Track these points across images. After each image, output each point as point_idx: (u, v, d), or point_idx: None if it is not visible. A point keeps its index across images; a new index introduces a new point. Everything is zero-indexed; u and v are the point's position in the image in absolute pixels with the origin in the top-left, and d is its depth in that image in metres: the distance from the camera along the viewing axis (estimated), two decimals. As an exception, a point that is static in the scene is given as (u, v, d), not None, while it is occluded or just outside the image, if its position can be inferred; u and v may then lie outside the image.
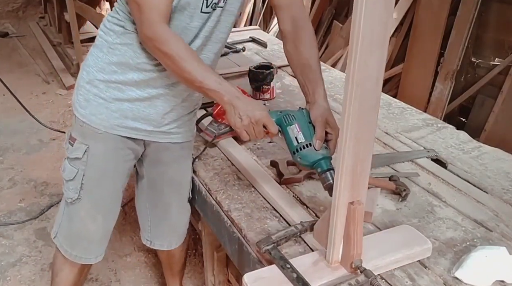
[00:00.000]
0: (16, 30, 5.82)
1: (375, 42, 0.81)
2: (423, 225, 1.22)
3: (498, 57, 2.77)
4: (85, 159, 1.35)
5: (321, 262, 1.05)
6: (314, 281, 0.98)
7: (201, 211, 1.54)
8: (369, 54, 0.82)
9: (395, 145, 1.62)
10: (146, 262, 2.27)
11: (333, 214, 0.98)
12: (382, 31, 0.81)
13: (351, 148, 0.90)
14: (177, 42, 1.15)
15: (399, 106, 1.94)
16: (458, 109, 3.01)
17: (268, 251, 1.07)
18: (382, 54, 0.84)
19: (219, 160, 1.54)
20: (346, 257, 1.01)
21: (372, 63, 0.83)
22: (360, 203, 0.96)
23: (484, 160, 1.54)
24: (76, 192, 1.37)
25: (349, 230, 0.97)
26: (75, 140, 1.36)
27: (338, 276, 1.01)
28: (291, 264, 1.02)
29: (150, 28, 1.14)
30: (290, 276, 0.99)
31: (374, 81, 0.86)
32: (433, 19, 2.92)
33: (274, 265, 1.04)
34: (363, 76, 0.84)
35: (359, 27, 0.79)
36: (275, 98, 1.99)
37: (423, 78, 3.03)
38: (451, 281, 1.04)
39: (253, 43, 2.74)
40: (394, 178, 1.37)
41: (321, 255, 1.06)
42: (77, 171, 1.36)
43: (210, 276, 1.79)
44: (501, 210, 1.28)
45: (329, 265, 1.03)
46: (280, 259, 1.04)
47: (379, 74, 0.86)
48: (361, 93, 0.85)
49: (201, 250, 1.94)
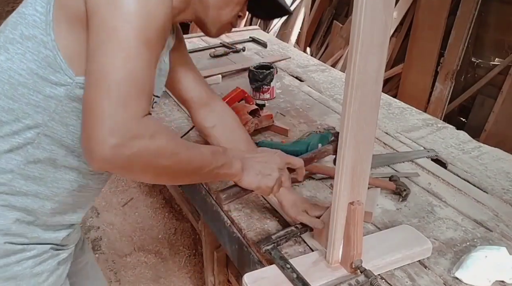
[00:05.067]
0: (16, 30, 5.81)
1: (375, 43, 0.81)
2: (423, 225, 1.22)
3: (498, 57, 2.77)
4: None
5: (321, 262, 1.04)
6: (314, 281, 0.98)
7: (201, 211, 1.54)
8: (369, 56, 0.82)
9: (395, 145, 1.62)
10: (146, 262, 2.27)
11: (333, 214, 0.97)
12: (382, 32, 0.81)
13: (351, 149, 0.90)
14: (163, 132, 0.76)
15: (399, 106, 1.94)
16: (458, 109, 3.02)
17: (268, 251, 1.07)
18: (382, 55, 0.84)
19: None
20: (346, 257, 1.00)
21: (372, 65, 0.83)
22: (360, 203, 0.96)
23: (484, 160, 1.54)
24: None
25: (349, 230, 0.97)
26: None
27: (338, 276, 1.00)
28: (291, 264, 1.02)
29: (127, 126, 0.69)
30: (290, 276, 0.99)
31: (374, 82, 0.86)
32: (433, 19, 2.92)
33: (274, 265, 1.04)
34: (363, 77, 0.83)
35: (359, 29, 0.78)
36: (275, 98, 1.99)
37: (423, 78, 3.03)
38: (451, 281, 1.04)
39: (253, 43, 2.74)
40: (394, 178, 1.37)
41: (321, 255, 1.06)
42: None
43: (210, 276, 1.79)
44: (501, 210, 1.28)
45: (329, 265, 1.03)
46: (280, 259, 1.04)
47: (379, 76, 0.86)
48: (361, 95, 0.85)
49: (201, 250, 1.94)
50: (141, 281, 2.16)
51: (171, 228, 2.53)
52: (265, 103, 1.78)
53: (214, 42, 2.69)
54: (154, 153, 0.72)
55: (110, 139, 0.66)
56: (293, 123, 1.78)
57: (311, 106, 1.91)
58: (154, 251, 2.34)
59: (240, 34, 2.87)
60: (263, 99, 1.94)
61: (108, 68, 0.68)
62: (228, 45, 2.60)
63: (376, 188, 1.33)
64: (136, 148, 0.69)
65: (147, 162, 0.72)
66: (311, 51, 3.87)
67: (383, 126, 1.76)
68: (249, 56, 2.52)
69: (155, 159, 0.73)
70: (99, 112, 0.67)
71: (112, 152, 0.67)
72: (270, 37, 3.02)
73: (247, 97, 1.79)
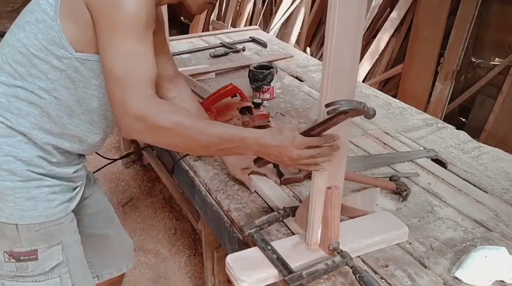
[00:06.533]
0: (16, 30, 5.82)
1: (350, 33, 0.87)
2: (423, 225, 1.22)
3: (498, 57, 2.77)
4: (65, 259, 1.15)
5: (301, 245, 1.10)
6: (293, 261, 1.03)
7: (201, 211, 1.54)
8: (343, 45, 0.87)
9: (395, 145, 1.62)
10: (146, 262, 2.27)
11: (312, 198, 1.03)
12: (356, 22, 0.87)
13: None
14: (172, 109, 0.99)
15: (399, 106, 1.94)
16: (458, 109, 3.02)
17: (251, 234, 1.12)
18: (357, 44, 0.89)
19: (219, 160, 1.54)
20: (324, 240, 1.06)
21: (347, 53, 0.89)
22: (337, 188, 1.02)
23: (484, 160, 1.54)
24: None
25: (327, 213, 1.03)
26: (37, 250, 1.10)
27: (316, 257, 1.06)
28: (272, 246, 1.07)
29: (140, 103, 0.93)
30: (271, 257, 1.04)
31: (349, 69, 0.91)
32: (433, 19, 2.92)
33: (256, 247, 1.08)
34: (338, 66, 0.89)
35: (334, 19, 0.84)
36: (275, 98, 1.99)
37: (423, 78, 3.03)
38: (451, 281, 1.04)
39: (253, 43, 2.74)
40: (394, 178, 1.37)
41: (301, 238, 1.12)
42: (59, 278, 1.15)
43: (210, 276, 1.79)
44: (501, 210, 1.28)
45: (308, 248, 1.09)
46: (261, 242, 1.09)
47: (354, 63, 0.91)
48: (337, 83, 0.90)
49: (201, 250, 1.94)
50: (141, 281, 2.16)
51: (171, 228, 2.53)
52: (262, 102, 1.77)
53: (214, 42, 2.69)
54: (164, 128, 0.94)
55: (137, 125, 0.93)
56: (293, 123, 1.78)
57: (311, 106, 1.91)
58: (154, 251, 2.34)
59: (240, 34, 2.87)
60: (263, 99, 1.94)
61: (114, 62, 0.94)
62: (228, 45, 2.60)
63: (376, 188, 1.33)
64: (152, 121, 0.93)
65: (161, 135, 0.96)
66: (311, 51, 3.87)
67: (383, 126, 1.76)
68: (249, 56, 2.52)
69: (165, 133, 0.95)
70: (115, 100, 0.95)
71: (139, 133, 0.96)
72: (270, 37, 3.02)
73: (241, 94, 1.77)
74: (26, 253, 1.09)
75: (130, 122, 0.93)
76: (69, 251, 1.17)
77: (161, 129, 0.94)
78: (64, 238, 1.15)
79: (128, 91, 0.92)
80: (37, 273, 1.12)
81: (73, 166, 1.19)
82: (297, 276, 0.98)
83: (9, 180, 1.06)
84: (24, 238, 1.09)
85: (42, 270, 1.12)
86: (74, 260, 1.19)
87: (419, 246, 1.15)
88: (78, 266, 1.21)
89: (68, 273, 1.17)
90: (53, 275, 1.14)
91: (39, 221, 1.09)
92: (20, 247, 1.09)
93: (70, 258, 1.17)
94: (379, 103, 1.96)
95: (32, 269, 1.11)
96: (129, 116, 0.92)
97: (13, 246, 1.09)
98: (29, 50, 1.02)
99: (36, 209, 1.08)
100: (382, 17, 3.26)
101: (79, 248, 1.23)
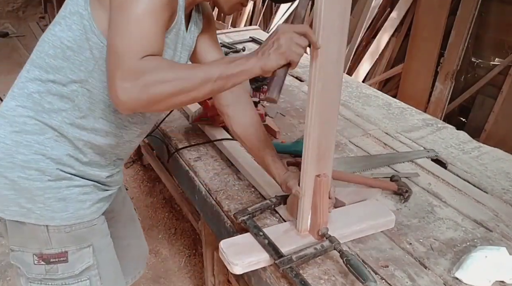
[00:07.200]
0: (16, 30, 5.82)
1: (335, 28, 0.91)
2: (423, 225, 1.22)
3: (498, 57, 2.77)
4: (95, 262, 1.13)
5: (292, 231, 1.15)
6: (284, 246, 1.08)
7: (201, 211, 1.54)
8: (330, 39, 0.91)
9: (395, 145, 1.62)
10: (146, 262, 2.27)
11: (302, 186, 1.07)
12: (341, 17, 0.91)
13: (316, 125, 0.99)
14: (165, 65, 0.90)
15: (399, 106, 1.94)
16: (458, 109, 3.02)
17: (244, 221, 1.16)
18: (342, 38, 0.93)
19: (219, 160, 1.54)
20: (314, 226, 1.11)
21: (333, 47, 0.92)
22: (325, 176, 1.06)
23: (484, 160, 1.54)
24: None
25: (316, 200, 1.07)
26: (67, 252, 1.08)
27: (306, 242, 1.10)
28: (264, 232, 1.12)
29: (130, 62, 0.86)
30: (262, 242, 1.09)
31: (335, 63, 0.95)
32: (433, 19, 2.92)
33: (249, 233, 1.13)
34: (325, 59, 0.92)
35: (320, 15, 0.88)
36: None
37: (423, 78, 3.03)
38: (451, 281, 1.04)
39: (253, 43, 2.73)
40: (395, 178, 1.37)
41: (292, 225, 1.16)
42: (89, 281, 1.13)
43: (210, 276, 1.79)
44: (501, 210, 1.28)
45: (298, 234, 1.13)
46: (254, 228, 1.13)
47: (339, 57, 0.95)
48: (324, 75, 0.94)
49: (201, 250, 1.94)
50: (141, 281, 2.16)
51: (171, 228, 2.53)
52: (259, 101, 1.76)
53: (214, 42, 2.69)
54: (160, 82, 0.86)
55: (123, 85, 0.84)
56: (293, 123, 1.78)
57: (311, 106, 1.91)
58: (154, 251, 2.34)
59: (240, 34, 2.87)
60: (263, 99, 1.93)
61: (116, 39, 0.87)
62: (228, 45, 2.60)
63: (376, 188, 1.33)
64: (143, 83, 0.84)
65: (158, 92, 0.86)
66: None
67: (383, 126, 1.76)
68: (249, 56, 2.52)
69: (161, 86, 0.86)
70: (111, 74, 0.86)
71: (128, 94, 0.84)
72: (270, 37, 3.02)
73: None
74: (56, 255, 1.07)
75: (120, 83, 0.84)
76: (100, 254, 1.14)
77: (155, 80, 0.86)
78: (95, 240, 1.13)
79: (121, 58, 0.85)
80: (66, 276, 1.10)
81: (108, 170, 1.15)
82: (287, 260, 1.03)
83: (38, 179, 1.03)
84: (54, 240, 1.06)
85: (72, 273, 1.10)
86: (105, 263, 1.16)
87: (419, 246, 1.15)
88: (109, 270, 1.18)
89: (98, 275, 1.14)
90: (83, 278, 1.11)
91: (70, 222, 1.07)
92: (50, 249, 1.07)
93: (101, 261, 1.14)
94: (379, 103, 1.96)
95: (62, 272, 1.09)
96: (120, 73, 0.84)
97: (42, 248, 1.07)
98: (63, 43, 1.00)
99: (66, 210, 1.06)
100: (382, 17, 3.26)
101: (111, 251, 1.21)
